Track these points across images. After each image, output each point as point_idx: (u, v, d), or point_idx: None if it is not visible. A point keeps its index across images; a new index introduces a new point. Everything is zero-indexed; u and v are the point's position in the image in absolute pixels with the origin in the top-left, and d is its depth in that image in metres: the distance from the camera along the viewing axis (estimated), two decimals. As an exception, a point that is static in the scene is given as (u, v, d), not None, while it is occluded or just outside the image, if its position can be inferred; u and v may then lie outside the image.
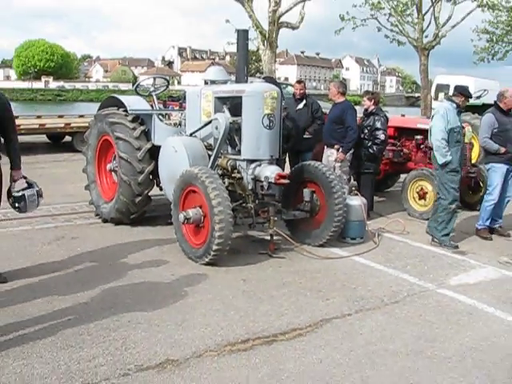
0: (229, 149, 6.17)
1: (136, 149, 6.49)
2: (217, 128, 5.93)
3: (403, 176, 8.77)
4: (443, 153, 6.18)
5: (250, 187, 5.85)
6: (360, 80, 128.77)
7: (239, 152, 5.96)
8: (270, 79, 7.39)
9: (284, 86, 20.28)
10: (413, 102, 79.87)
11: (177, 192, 5.79)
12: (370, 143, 7.48)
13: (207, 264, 5.41)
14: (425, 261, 5.98)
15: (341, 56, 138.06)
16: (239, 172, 5.89)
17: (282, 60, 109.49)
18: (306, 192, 6.09)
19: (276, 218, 5.80)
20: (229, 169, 5.88)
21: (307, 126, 7.91)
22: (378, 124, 7.47)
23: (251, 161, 5.84)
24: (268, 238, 5.96)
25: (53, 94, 72.58)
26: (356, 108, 7.72)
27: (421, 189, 7.89)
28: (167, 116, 7.39)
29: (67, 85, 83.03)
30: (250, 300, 4.66)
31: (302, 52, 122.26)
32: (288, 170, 6.81)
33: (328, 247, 6.19)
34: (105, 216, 6.95)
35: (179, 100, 17.70)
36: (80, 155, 8.10)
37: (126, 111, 6.79)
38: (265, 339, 3.94)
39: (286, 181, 5.65)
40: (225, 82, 6.52)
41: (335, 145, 7.27)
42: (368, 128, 7.51)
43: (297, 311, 4.45)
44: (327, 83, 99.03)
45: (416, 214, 7.86)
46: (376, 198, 8.42)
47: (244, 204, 5.86)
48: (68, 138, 14.74)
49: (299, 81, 8.47)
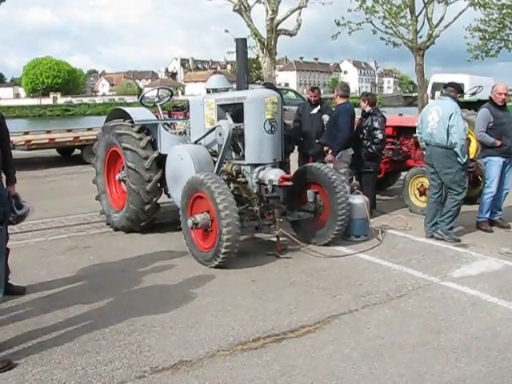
0: (233, 154, 6.31)
1: (143, 158, 6.65)
2: (220, 134, 6.07)
3: (403, 174, 8.88)
4: (465, 152, 6.29)
5: (255, 191, 5.98)
6: (358, 83, 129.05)
7: (243, 157, 6.10)
8: (270, 85, 7.54)
9: (284, 92, 20.44)
10: (411, 102, 79.84)
11: (184, 198, 5.93)
12: (369, 143, 7.59)
13: (216, 267, 5.54)
14: (428, 255, 6.08)
15: (339, 60, 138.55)
16: (244, 176, 6.01)
17: (282, 66, 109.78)
18: (310, 193, 6.21)
19: (281, 220, 5.92)
20: (234, 174, 6.00)
21: (320, 131, 7.99)
22: (376, 124, 7.59)
23: (255, 165, 5.98)
24: (274, 240, 6.09)
25: (61, 110, 73.46)
26: (356, 110, 7.86)
27: (421, 185, 8.00)
28: (172, 126, 7.54)
29: (75, 100, 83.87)
30: (260, 300, 4.78)
31: (301, 58, 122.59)
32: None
33: (333, 246, 6.30)
34: (116, 225, 7.11)
35: (184, 109, 17.86)
36: (89, 167, 8.26)
37: (132, 122, 6.95)
38: (275, 337, 4.05)
39: (290, 183, 5.78)
40: (226, 90, 6.67)
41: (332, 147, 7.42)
42: (366, 128, 7.63)
43: (305, 309, 4.56)
44: (326, 87, 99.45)
45: (417, 210, 7.96)
46: (378, 196, 8.54)
47: (250, 207, 5.99)
48: (77, 151, 14.97)
49: (313, 88, 8.59)
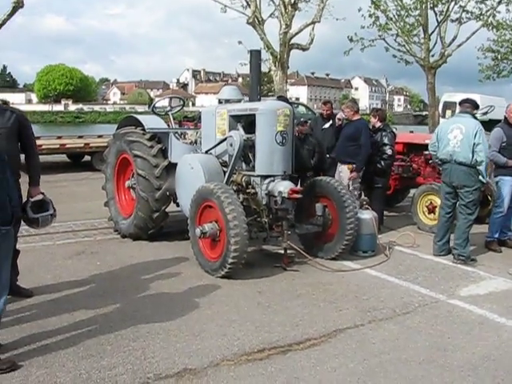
0: (243, 165, 6.33)
1: (153, 166, 6.68)
2: (231, 145, 6.10)
3: (412, 191, 8.86)
4: (487, 171, 6.31)
5: (264, 202, 5.99)
6: (369, 99, 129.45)
7: (253, 168, 6.11)
8: (284, 99, 7.60)
9: (295, 106, 20.54)
10: (421, 121, 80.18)
11: (193, 207, 5.94)
12: (378, 158, 7.60)
13: (223, 277, 5.53)
14: (435, 272, 6.05)
15: (350, 76, 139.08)
16: (253, 187, 6.03)
17: (293, 81, 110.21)
18: (319, 206, 6.21)
19: (289, 232, 5.92)
20: (243, 184, 6.03)
21: (331, 146, 8.00)
22: (386, 140, 7.61)
23: (265, 176, 5.99)
24: (282, 252, 6.08)
25: (72, 116, 74.50)
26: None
27: (430, 203, 7.99)
28: (183, 135, 7.59)
29: (86, 107, 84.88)
30: (266, 311, 4.76)
31: (312, 73, 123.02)
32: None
33: (340, 260, 6.29)
34: (123, 232, 7.13)
35: (194, 120, 17.99)
36: (99, 174, 8.33)
37: (144, 130, 7.00)
38: (280, 349, 4.03)
39: (299, 195, 5.79)
40: (239, 101, 6.71)
41: (349, 162, 7.40)
42: (376, 144, 7.64)
43: (311, 322, 4.54)
44: (337, 103, 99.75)
45: (426, 228, 7.94)
46: (386, 213, 8.52)
47: (258, 219, 6.00)
48: (87, 158, 15.12)
49: (326, 102, 8.58)
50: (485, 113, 11.08)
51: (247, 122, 6.23)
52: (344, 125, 7.73)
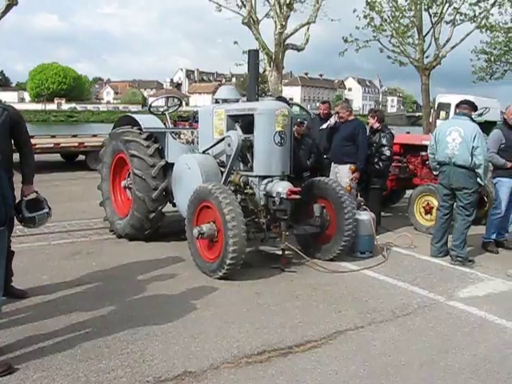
0: (241, 165, 6.28)
1: (150, 166, 6.63)
2: (229, 145, 6.06)
3: (409, 192, 8.86)
4: (486, 173, 6.33)
5: (262, 203, 5.95)
6: (362, 100, 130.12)
7: (251, 168, 6.07)
8: (283, 99, 7.56)
9: (291, 106, 20.47)
10: (414, 122, 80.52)
11: (191, 208, 5.89)
12: (377, 159, 7.58)
13: (221, 278, 5.49)
14: (433, 274, 6.05)
15: (343, 77, 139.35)
16: (251, 188, 6.00)
17: (287, 81, 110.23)
18: (317, 207, 6.18)
19: (287, 233, 5.89)
20: (241, 185, 5.99)
21: (328, 147, 7.95)
22: (384, 141, 7.59)
23: (263, 177, 5.96)
24: (280, 253, 6.04)
25: (65, 115, 74.12)
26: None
27: (427, 204, 7.99)
28: (178, 135, 7.54)
29: (79, 106, 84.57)
30: (264, 313, 4.72)
31: (306, 73, 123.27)
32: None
33: (338, 261, 6.26)
34: (119, 232, 7.07)
35: (188, 120, 17.93)
36: (93, 173, 8.26)
37: (140, 129, 6.94)
38: (280, 351, 3.99)
39: (298, 196, 5.75)
40: (236, 101, 6.67)
41: (346, 162, 7.38)
42: (374, 145, 7.63)
43: (310, 323, 4.51)
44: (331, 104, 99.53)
45: (423, 229, 7.95)
46: (382, 214, 8.50)
47: (256, 219, 5.96)
48: (82, 157, 15.01)
49: (324, 101, 8.53)
50: (480, 114, 11.13)
51: (245, 122, 6.18)
52: (339, 125, 7.67)
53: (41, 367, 3.64)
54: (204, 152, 6.58)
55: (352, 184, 7.23)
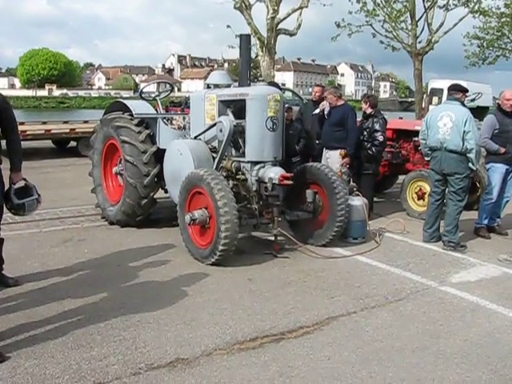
0: (233, 151, 6.24)
1: (142, 152, 6.57)
2: (221, 131, 6.01)
3: (401, 177, 8.86)
4: (478, 158, 6.31)
5: (254, 188, 5.92)
6: (355, 86, 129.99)
7: (243, 154, 6.03)
8: (275, 85, 7.49)
9: (282, 91, 20.37)
10: (406, 107, 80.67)
11: (182, 194, 5.86)
12: (369, 145, 7.56)
13: (213, 264, 5.48)
14: (426, 259, 6.07)
15: (336, 62, 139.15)
16: (243, 174, 5.96)
17: (279, 66, 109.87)
18: (309, 193, 6.16)
19: (280, 219, 5.87)
20: (233, 171, 5.95)
21: (320, 132, 7.90)
22: (377, 126, 7.57)
23: (255, 162, 5.92)
24: (272, 239, 6.03)
25: (56, 102, 73.65)
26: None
27: (419, 189, 8.00)
28: (170, 121, 7.47)
29: (70, 92, 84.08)
30: (257, 299, 4.72)
31: (299, 59, 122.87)
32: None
33: (331, 247, 6.26)
34: (111, 218, 7.03)
35: (180, 105, 17.83)
36: (85, 160, 8.19)
37: (132, 115, 6.87)
38: (273, 337, 3.99)
39: (290, 182, 5.73)
40: (228, 86, 6.60)
41: (337, 148, 7.35)
42: (367, 130, 7.60)
43: (303, 309, 4.51)
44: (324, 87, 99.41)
45: (415, 214, 7.97)
46: (375, 199, 8.50)
47: (248, 205, 5.94)
48: (73, 144, 14.90)
49: (318, 84, 8.44)
50: (472, 99, 11.11)
51: (237, 108, 6.12)
52: (329, 111, 7.62)
53: (32, 355, 3.61)
54: (196, 138, 6.52)
55: (343, 169, 7.21)
